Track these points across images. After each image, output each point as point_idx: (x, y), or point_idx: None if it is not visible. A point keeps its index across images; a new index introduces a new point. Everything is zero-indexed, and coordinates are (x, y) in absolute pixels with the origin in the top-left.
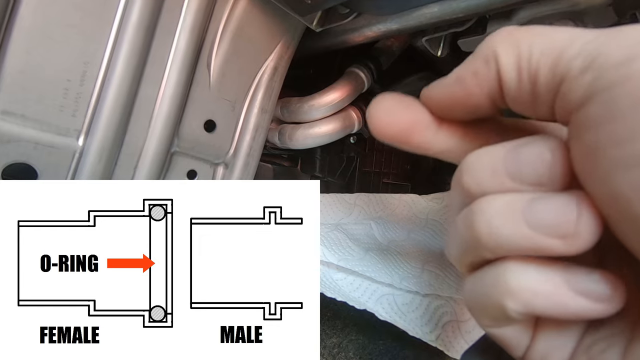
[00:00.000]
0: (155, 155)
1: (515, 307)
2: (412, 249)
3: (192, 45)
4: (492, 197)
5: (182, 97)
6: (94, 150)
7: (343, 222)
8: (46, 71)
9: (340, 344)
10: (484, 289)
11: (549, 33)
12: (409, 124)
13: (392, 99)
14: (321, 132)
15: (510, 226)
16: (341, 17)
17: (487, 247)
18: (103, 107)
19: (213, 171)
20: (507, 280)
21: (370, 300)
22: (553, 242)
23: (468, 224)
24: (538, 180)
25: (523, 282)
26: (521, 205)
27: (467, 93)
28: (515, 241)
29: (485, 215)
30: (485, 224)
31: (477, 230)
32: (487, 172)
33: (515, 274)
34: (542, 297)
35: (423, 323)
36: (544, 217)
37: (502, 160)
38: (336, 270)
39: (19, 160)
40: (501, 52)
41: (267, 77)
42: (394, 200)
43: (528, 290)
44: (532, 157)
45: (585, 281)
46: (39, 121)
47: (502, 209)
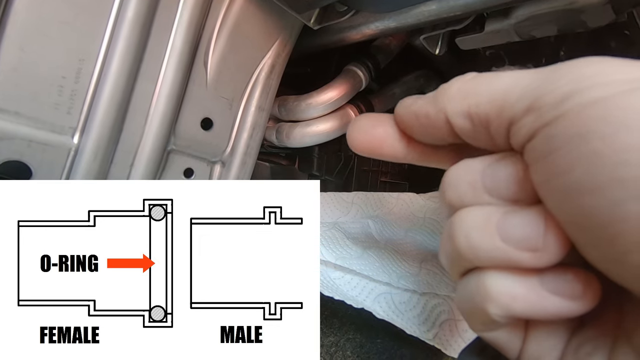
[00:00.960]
0: (152, 154)
1: (497, 311)
2: (410, 248)
3: (188, 42)
4: (468, 210)
5: (179, 95)
6: (89, 148)
7: (341, 221)
8: (40, 68)
9: (337, 342)
10: (469, 296)
11: (494, 81)
12: (379, 139)
13: (367, 118)
14: (319, 130)
15: (486, 240)
16: (339, 15)
17: (467, 259)
18: (98, 104)
19: (210, 169)
20: (487, 287)
21: (368, 299)
22: (524, 255)
23: (450, 237)
24: (513, 196)
25: (501, 288)
26: (495, 220)
27: (425, 129)
28: (490, 254)
29: (463, 229)
30: (464, 238)
31: (457, 244)
32: (467, 188)
33: (493, 281)
34: (520, 300)
35: (420, 322)
36: (514, 232)
37: (480, 177)
38: (334, 269)
39: (13, 158)
40: (450, 109)
41: (265, 74)
42: (391, 199)
43: (506, 295)
44: (506, 175)
45: (559, 281)
46: (33, 119)
47: (478, 223)
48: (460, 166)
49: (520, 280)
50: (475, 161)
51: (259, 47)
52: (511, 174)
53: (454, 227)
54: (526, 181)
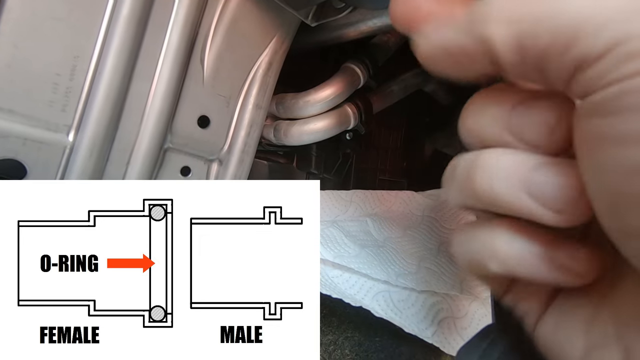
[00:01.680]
0: (148, 152)
1: (498, 269)
2: (409, 246)
3: (184, 39)
4: (496, 156)
5: (175, 93)
6: (84, 146)
7: (339, 219)
8: (34, 65)
9: (336, 341)
10: (472, 247)
11: (558, 4)
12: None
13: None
14: (317, 128)
15: (511, 191)
16: (336, 12)
17: (483, 202)
18: (94, 102)
19: (207, 167)
20: (496, 247)
21: (366, 297)
22: (547, 213)
23: (469, 176)
24: (537, 143)
25: (511, 252)
26: (525, 171)
27: (460, 65)
28: (512, 205)
29: (487, 174)
30: (487, 183)
31: (477, 186)
32: (490, 121)
33: (505, 244)
34: (526, 266)
35: (419, 320)
36: (545, 190)
37: (507, 114)
38: (332, 267)
39: (8, 156)
40: (496, 35)
41: (262, 72)
42: (390, 197)
43: (513, 259)
44: (537, 119)
45: (569, 258)
46: (27, 116)
47: (506, 172)
48: (490, 93)
49: (532, 247)
50: (507, 95)
51: (256, 44)
52: (546, 119)
53: (477, 167)
54: (560, 130)
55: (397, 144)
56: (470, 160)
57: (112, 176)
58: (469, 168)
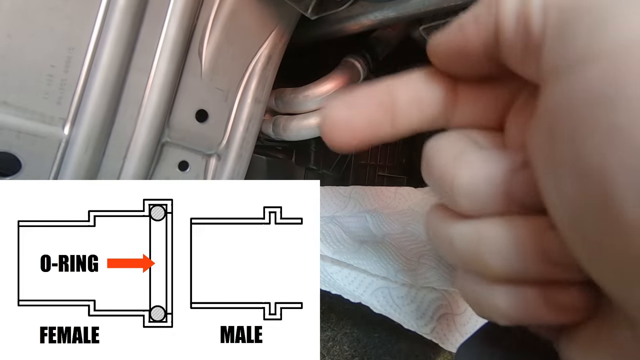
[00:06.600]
0: (145, 146)
1: (504, 322)
2: (408, 242)
3: (182, 32)
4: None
5: (173, 86)
6: (80, 140)
7: (338, 215)
8: (28, 56)
9: (334, 337)
10: (476, 299)
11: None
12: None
13: (339, 108)
14: (316, 123)
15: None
16: (337, 5)
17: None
18: (90, 95)
19: (205, 162)
20: (497, 304)
21: (365, 293)
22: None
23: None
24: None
25: (511, 307)
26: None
27: (465, 39)
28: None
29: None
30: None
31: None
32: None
33: (504, 300)
34: (528, 315)
35: (418, 316)
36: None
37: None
38: (331, 263)
39: (1, 150)
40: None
41: (261, 66)
42: (389, 193)
43: (515, 311)
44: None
45: (567, 296)
46: (21, 108)
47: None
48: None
49: (530, 294)
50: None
51: (255, 37)
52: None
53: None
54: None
55: (397, 140)
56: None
57: (109, 170)
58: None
